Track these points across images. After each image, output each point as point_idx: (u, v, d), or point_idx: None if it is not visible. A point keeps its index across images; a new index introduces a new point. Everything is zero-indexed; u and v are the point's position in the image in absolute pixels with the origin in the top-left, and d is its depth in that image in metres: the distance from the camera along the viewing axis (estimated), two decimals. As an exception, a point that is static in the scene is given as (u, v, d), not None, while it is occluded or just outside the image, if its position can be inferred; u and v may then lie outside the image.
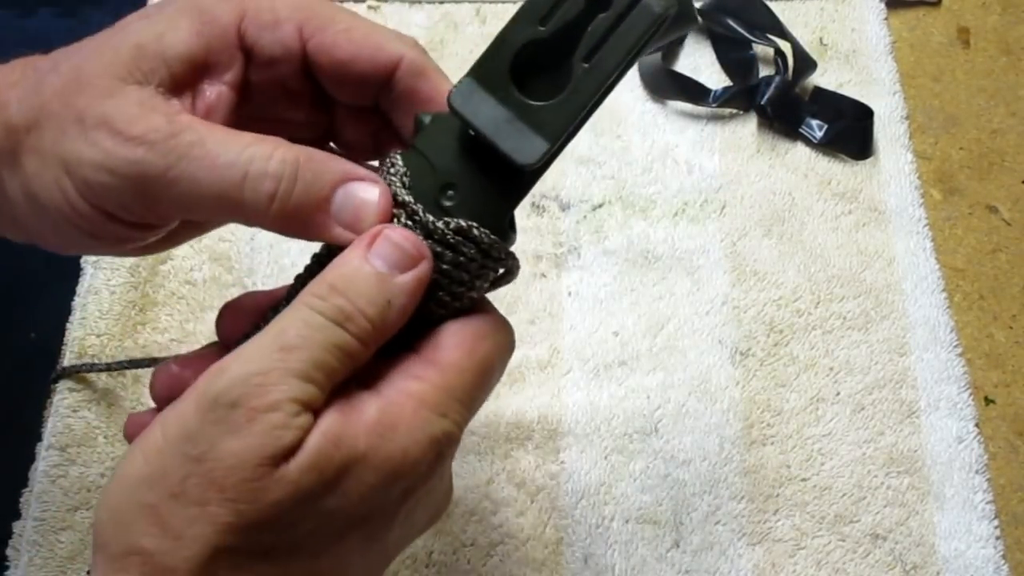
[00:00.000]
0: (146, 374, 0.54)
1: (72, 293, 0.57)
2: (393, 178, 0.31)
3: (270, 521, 0.28)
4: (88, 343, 0.55)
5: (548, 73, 0.31)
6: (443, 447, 0.30)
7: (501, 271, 0.33)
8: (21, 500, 0.51)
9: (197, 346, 0.55)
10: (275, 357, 0.28)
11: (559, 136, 0.31)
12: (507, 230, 0.33)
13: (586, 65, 0.30)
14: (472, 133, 0.31)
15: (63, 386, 0.54)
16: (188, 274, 0.58)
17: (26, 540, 0.50)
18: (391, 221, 0.31)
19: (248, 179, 0.29)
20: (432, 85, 0.33)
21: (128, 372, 0.54)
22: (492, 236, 0.31)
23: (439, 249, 0.31)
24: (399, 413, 0.29)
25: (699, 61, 0.67)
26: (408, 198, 0.31)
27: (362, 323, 0.29)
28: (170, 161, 0.29)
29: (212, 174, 0.29)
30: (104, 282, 0.57)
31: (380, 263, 0.30)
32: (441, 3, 0.68)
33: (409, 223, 0.31)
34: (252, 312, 0.34)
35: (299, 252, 0.58)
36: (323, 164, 0.30)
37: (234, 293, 0.57)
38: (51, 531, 0.50)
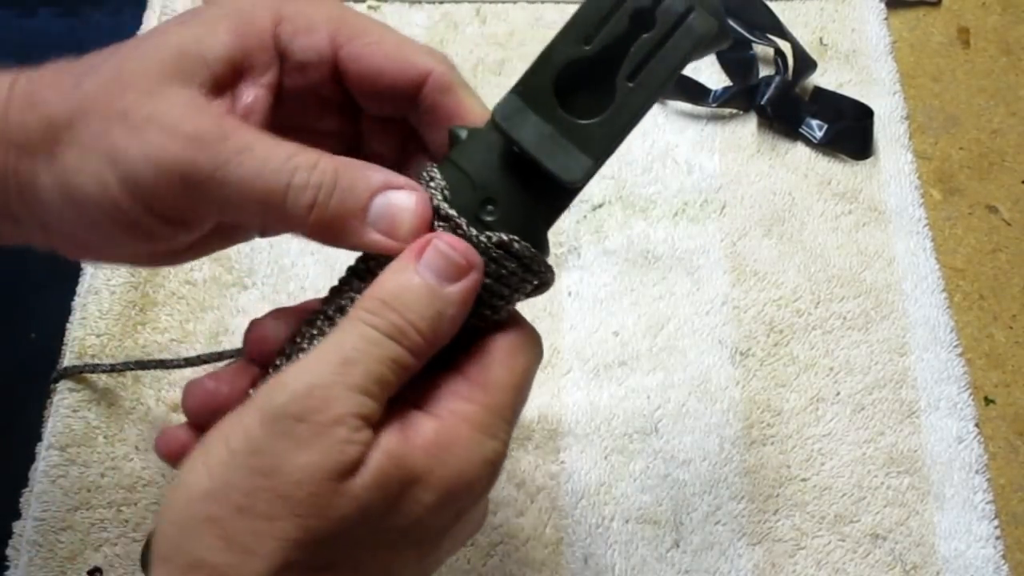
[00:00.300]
0: (146, 374, 0.54)
1: (72, 293, 0.57)
2: (434, 191, 0.31)
3: (335, 537, 0.28)
4: (88, 343, 0.55)
5: (591, 91, 0.31)
6: (495, 467, 0.31)
7: (536, 283, 0.33)
8: (21, 500, 0.51)
9: (198, 346, 0.55)
10: (335, 371, 0.28)
11: (604, 154, 0.31)
12: (544, 243, 0.33)
13: (631, 84, 0.31)
14: (516, 150, 0.31)
15: (63, 386, 0.54)
16: (188, 274, 0.58)
17: (26, 540, 0.50)
18: (430, 227, 0.31)
19: (291, 188, 0.30)
20: (458, 101, 0.33)
21: (128, 372, 0.54)
22: (533, 250, 0.32)
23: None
24: (455, 435, 0.30)
25: (699, 61, 0.66)
26: (452, 212, 0.31)
27: (415, 337, 0.29)
28: (218, 163, 0.29)
29: (258, 180, 0.30)
30: (104, 282, 0.57)
31: (430, 274, 0.30)
32: (441, 3, 0.68)
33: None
34: (281, 326, 0.34)
35: (299, 252, 0.58)
36: (361, 173, 0.31)
37: (234, 293, 0.57)
38: (51, 531, 0.50)
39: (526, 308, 0.58)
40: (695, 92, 0.64)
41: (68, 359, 0.55)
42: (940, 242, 0.60)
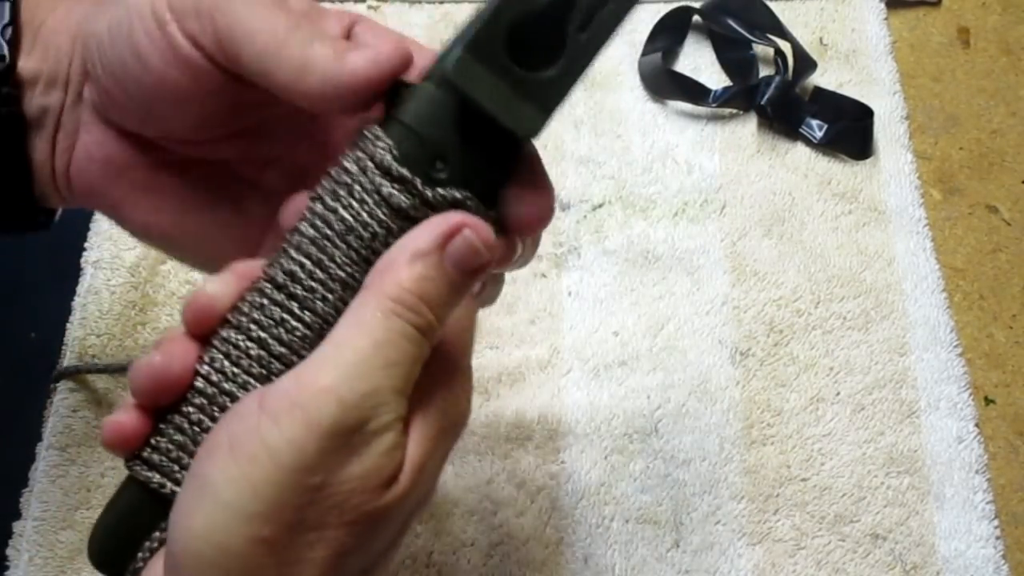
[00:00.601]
0: (146, 374, 0.54)
1: (72, 293, 0.57)
2: (382, 152, 0.31)
3: (379, 533, 0.28)
4: (88, 343, 0.55)
5: (540, 43, 0.31)
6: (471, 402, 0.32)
7: None
8: (21, 500, 0.51)
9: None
10: (380, 375, 0.28)
11: (557, 105, 0.31)
12: (496, 199, 0.33)
13: (583, 34, 0.31)
14: (470, 106, 0.30)
15: (63, 386, 0.54)
16: (188, 274, 0.58)
17: (26, 540, 0.50)
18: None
19: (297, 32, 0.31)
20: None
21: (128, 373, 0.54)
22: (487, 209, 0.31)
23: None
24: (452, 383, 0.30)
25: (699, 61, 0.67)
26: (404, 171, 0.30)
27: (438, 331, 0.30)
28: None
29: (278, 32, 0.31)
30: (104, 282, 0.57)
31: (454, 268, 0.30)
32: (441, 3, 0.68)
33: (406, 197, 0.31)
34: (224, 295, 0.32)
35: (299, 252, 0.58)
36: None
37: (234, 293, 0.57)
38: (51, 531, 0.50)
39: (526, 308, 0.58)
40: (695, 92, 0.64)
41: (68, 359, 0.55)
42: (940, 242, 0.60)
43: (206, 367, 0.31)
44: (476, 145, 0.31)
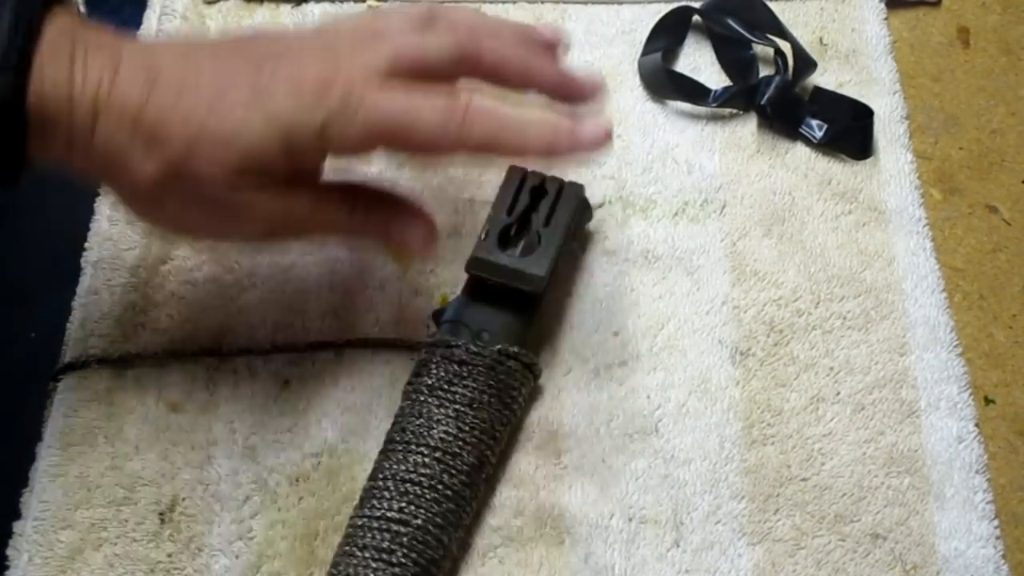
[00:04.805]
0: (147, 374, 0.54)
1: (72, 293, 0.57)
2: (441, 346, 0.50)
3: None
4: (88, 344, 0.55)
5: (518, 235, 0.52)
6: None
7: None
8: (21, 500, 0.51)
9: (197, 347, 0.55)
10: None
11: (549, 266, 0.51)
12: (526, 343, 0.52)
13: (546, 227, 0.52)
14: (490, 283, 0.51)
15: (63, 386, 0.54)
16: (188, 274, 0.58)
17: (26, 540, 0.50)
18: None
19: None
20: None
21: (128, 373, 0.54)
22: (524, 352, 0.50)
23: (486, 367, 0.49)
24: None
25: (699, 61, 0.67)
26: (459, 349, 0.49)
27: None
28: None
29: None
30: (104, 283, 0.57)
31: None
32: (441, 3, 0.68)
33: (463, 356, 0.49)
34: None
35: (299, 252, 0.58)
36: None
37: (234, 294, 0.57)
38: (51, 530, 0.50)
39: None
40: (695, 92, 0.64)
41: (68, 360, 0.55)
42: (940, 242, 0.60)
43: None
44: (500, 312, 0.51)
